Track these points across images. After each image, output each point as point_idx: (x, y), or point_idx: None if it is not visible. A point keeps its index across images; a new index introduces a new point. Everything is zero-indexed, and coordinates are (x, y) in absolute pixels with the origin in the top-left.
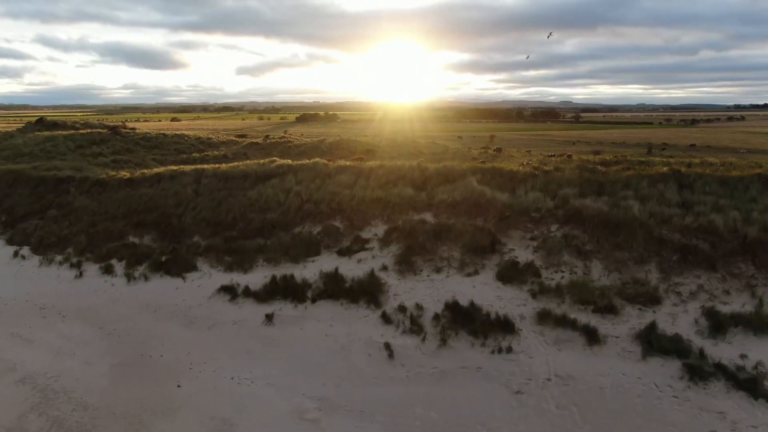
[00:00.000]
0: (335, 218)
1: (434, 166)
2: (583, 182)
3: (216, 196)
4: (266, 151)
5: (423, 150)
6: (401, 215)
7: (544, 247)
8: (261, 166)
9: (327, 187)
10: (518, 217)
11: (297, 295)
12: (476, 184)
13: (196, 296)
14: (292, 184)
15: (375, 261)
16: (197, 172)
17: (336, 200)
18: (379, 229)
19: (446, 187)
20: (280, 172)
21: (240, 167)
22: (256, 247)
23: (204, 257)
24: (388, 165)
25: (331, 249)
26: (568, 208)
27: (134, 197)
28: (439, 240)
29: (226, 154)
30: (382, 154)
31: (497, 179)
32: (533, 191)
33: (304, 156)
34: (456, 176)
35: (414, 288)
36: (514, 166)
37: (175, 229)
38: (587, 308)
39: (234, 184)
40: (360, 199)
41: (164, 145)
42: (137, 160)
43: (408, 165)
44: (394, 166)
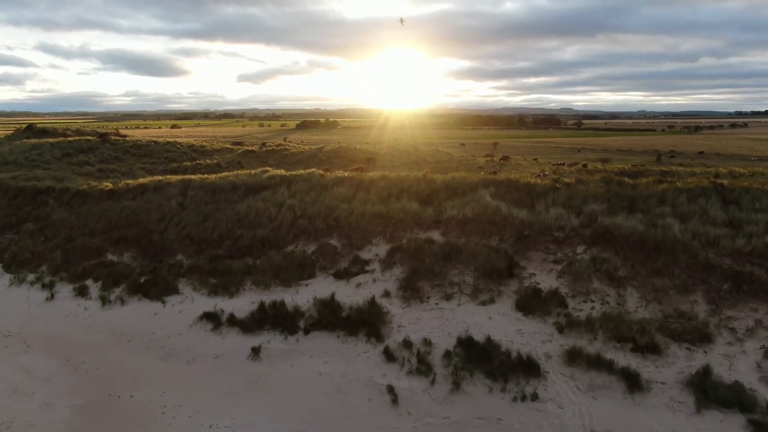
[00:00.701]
0: (332, 236)
1: (442, 178)
2: (612, 197)
3: (202, 209)
4: (262, 159)
5: (426, 158)
6: (405, 233)
7: (569, 271)
8: (252, 177)
9: (323, 201)
10: (539, 237)
11: (288, 324)
12: (490, 199)
13: (175, 324)
14: (285, 197)
15: (376, 286)
16: (184, 183)
17: (333, 215)
18: (381, 248)
19: (456, 201)
20: (273, 184)
21: (229, 178)
22: (244, 267)
23: (187, 278)
24: (391, 176)
25: (326, 271)
26: (596, 226)
27: (115, 210)
28: (449, 262)
29: (219, 163)
30: (383, 162)
31: (513, 193)
32: (555, 207)
33: (300, 165)
34: (466, 189)
35: (421, 318)
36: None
37: (157, 247)
38: (624, 347)
39: (222, 196)
40: (359, 214)
41: (155, 153)
42: (125, 169)
43: (412, 176)
44: (396, 177)
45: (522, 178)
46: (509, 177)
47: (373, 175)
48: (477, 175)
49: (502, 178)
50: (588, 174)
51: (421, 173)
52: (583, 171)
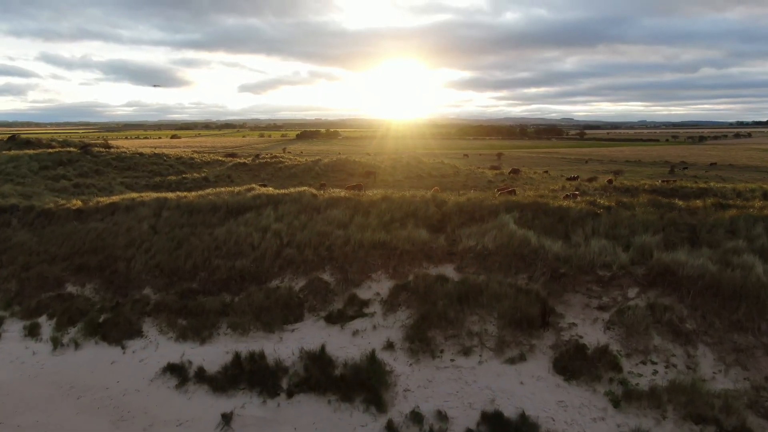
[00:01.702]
0: (324, 269)
1: (454, 200)
2: (667, 225)
3: (176, 234)
4: (254, 172)
5: (431, 171)
6: (412, 267)
7: (620, 322)
8: (234, 197)
9: (315, 226)
10: (578, 276)
11: (267, 384)
12: (514, 226)
13: (135, 376)
14: (271, 221)
15: (377, 334)
16: (158, 203)
17: (326, 244)
18: (383, 286)
19: (473, 228)
20: (257, 205)
21: (209, 197)
22: (219, 306)
23: (153, 318)
24: (394, 197)
25: (317, 313)
26: (651, 264)
27: (81, 233)
28: (466, 306)
29: (207, 177)
30: (385, 176)
31: (542, 219)
32: (596, 238)
33: (295, 179)
34: (485, 213)
35: (433, 380)
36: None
37: (122, 278)
38: (706, 430)
39: (200, 218)
40: (357, 243)
41: (139, 166)
42: (103, 184)
43: (419, 197)
44: (400, 198)
45: (548, 198)
46: (536, 199)
47: (373, 194)
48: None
49: (527, 200)
50: (617, 192)
51: (430, 193)
52: (610, 188)
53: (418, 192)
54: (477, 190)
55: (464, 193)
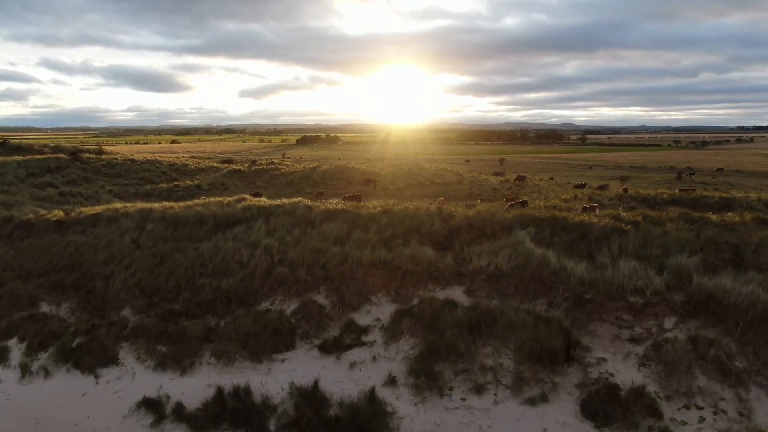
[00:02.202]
0: (318, 290)
1: (462, 213)
2: (705, 245)
3: (160, 249)
4: (249, 180)
5: (433, 179)
6: (416, 290)
7: (658, 358)
8: (223, 208)
9: (309, 242)
10: (606, 303)
11: (253, 424)
12: (531, 244)
13: (107, 411)
14: (261, 236)
15: (377, 368)
16: (142, 214)
17: (320, 262)
18: (383, 310)
19: (484, 246)
20: (247, 217)
21: (196, 208)
22: (203, 332)
23: (130, 343)
24: (396, 210)
25: (310, 340)
26: (691, 290)
27: (59, 246)
28: (479, 336)
29: (200, 185)
30: (385, 184)
31: (562, 236)
32: (625, 258)
33: (291, 187)
34: (497, 229)
35: (441, 424)
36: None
37: (100, 297)
38: None
39: (185, 232)
40: (355, 261)
41: (130, 173)
42: (90, 192)
43: (424, 209)
44: (403, 210)
45: (563, 210)
46: (554, 213)
47: (373, 207)
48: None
49: (544, 214)
50: (634, 201)
51: (435, 205)
52: (626, 198)
53: (422, 204)
54: (482, 199)
55: (472, 204)
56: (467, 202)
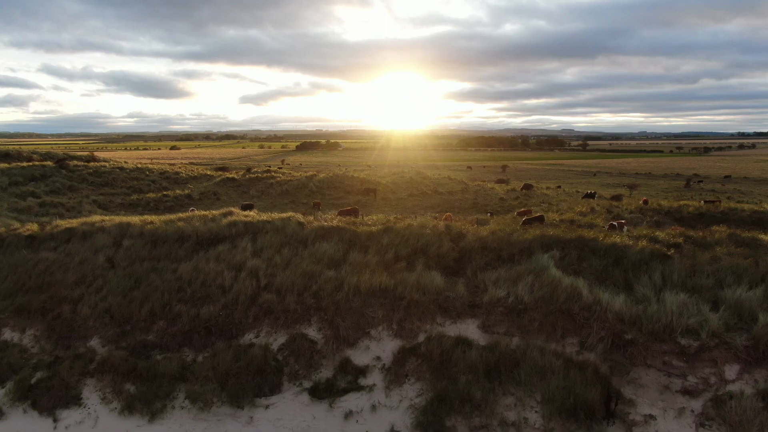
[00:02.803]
0: (309, 321)
1: (474, 232)
2: (767, 275)
3: (135, 270)
4: (243, 189)
5: (436, 188)
6: (423, 323)
7: (720, 416)
8: (206, 224)
9: (300, 264)
10: (651, 345)
11: None
12: (557, 271)
13: None
14: (247, 256)
15: (377, 419)
16: (120, 229)
17: (312, 288)
18: (384, 347)
19: (501, 271)
20: (233, 234)
21: (178, 223)
22: (177, 369)
23: (96, 380)
24: (398, 228)
25: (299, 382)
26: (757, 332)
27: (29, 265)
28: (498, 383)
29: (190, 194)
30: (386, 193)
31: (592, 260)
32: (671, 290)
33: (286, 197)
34: (515, 251)
35: None
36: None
37: (66, 324)
38: None
39: (164, 250)
40: (352, 288)
41: (118, 181)
42: (72, 203)
43: (431, 227)
44: (407, 228)
45: (582, 224)
46: (580, 233)
47: (372, 223)
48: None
49: (569, 234)
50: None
51: (442, 222)
52: (649, 211)
53: (427, 220)
54: (491, 212)
55: (483, 220)
56: (476, 216)
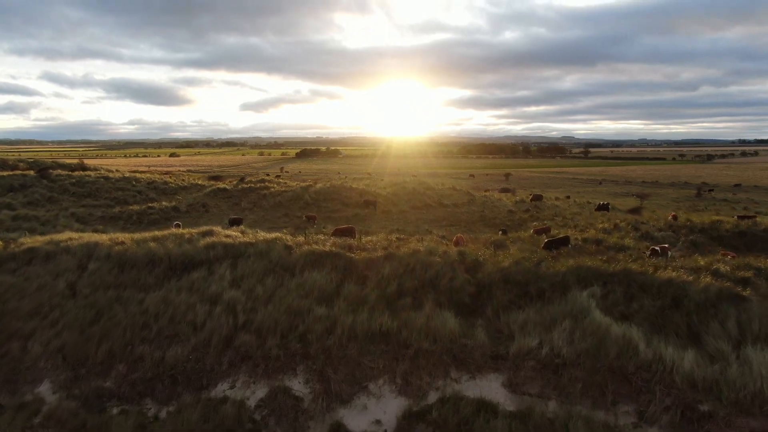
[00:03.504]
0: (294, 371)
1: (494, 262)
2: None
3: (98, 299)
4: (234, 200)
5: (441, 199)
6: (434, 378)
7: None
8: (181, 246)
9: (285, 298)
10: (734, 419)
11: None
12: (601, 315)
13: None
14: (225, 286)
15: None
16: (86, 250)
17: (299, 329)
18: (387, 407)
19: (529, 312)
20: (210, 258)
21: (150, 244)
22: (135, 428)
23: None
24: (402, 254)
25: None
26: None
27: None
28: None
29: (177, 206)
30: (387, 206)
31: (643, 300)
32: (755, 345)
33: (279, 209)
34: (545, 285)
35: None
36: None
37: (14, 364)
38: None
39: (132, 276)
40: (346, 331)
41: (102, 192)
42: (49, 216)
43: (441, 254)
44: (412, 255)
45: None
46: (626, 264)
47: (371, 245)
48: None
49: (614, 267)
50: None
51: (453, 247)
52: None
53: (436, 244)
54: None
55: (499, 242)
56: (490, 236)
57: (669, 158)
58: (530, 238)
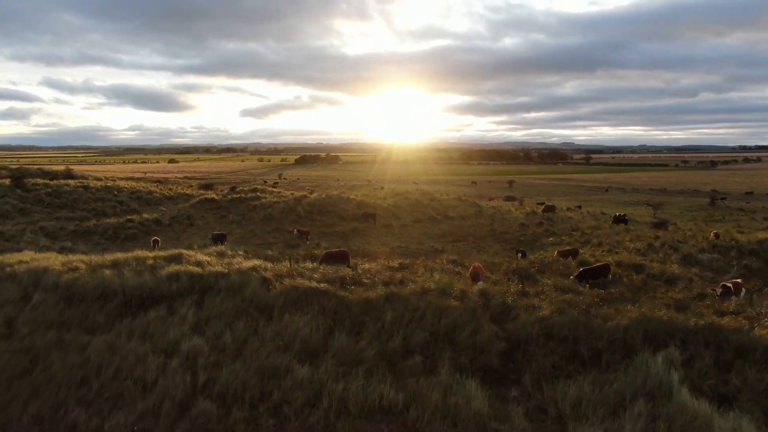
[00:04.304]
0: None
1: (523, 302)
2: None
3: (35, 342)
4: (222, 211)
5: (446, 211)
6: None
7: None
8: (141, 275)
9: (259, 351)
10: None
11: None
12: (689, 397)
13: None
14: (185, 331)
15: None
16: (33, 277)
17: (273, 397)
18: None
19: (583, 384)
20: (172, 293)
21: (105, 273)
22: None
23: None
24: (407, 294)
25: None
26: None
27: None
28: None
29: (160, 218)
30: (388, 219)
31: (745, 372)
32: None
33: (269, 223)
34: (601, 344)
35: None
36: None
37: None
38: None
39: (80, 312)
40: (335, 403)
41: (79, 203)
42: (15, 231)
43: (457, 292)
44: (421, 297)
45: (672, 284)
46: (711, 319)
47: (370, 279)
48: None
49: (695, 321)
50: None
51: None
52: (724, 248)
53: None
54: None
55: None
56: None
57: (672, 165)
58: (557, 263)
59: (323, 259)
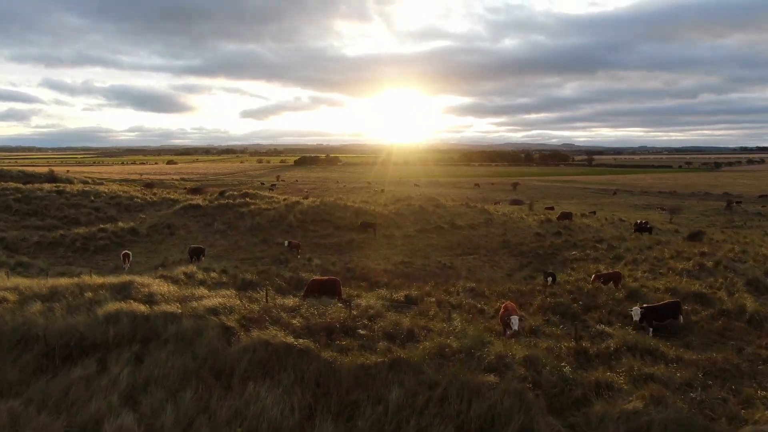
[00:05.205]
0: None
1: (588, 377)
2: None
3: None
4: (207, 219)
5: (454, 219)
6: None
7: None
8: (71, 316)
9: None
10: None
11: None
12: None
13: None
14: (112, 403)
15: None
16: None
17: None
18: None
19: None
20: (107, 341)
21: (30, 311)
22: None
23: None
24: (420, 359)
25: None
26: None
27: None
28: None
29: (136, 228)
30: (389, 228)
31: None
32: None
33: (257, 233)
34: None
35: None
36: None
37: None
38: None
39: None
40: None
41: (51, 209)
42: None
43: (490, 361)
44: (441, 364)
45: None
46: None
47: (368, 333)
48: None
49: None
50: None
51: (509, 341)
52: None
53: (477, 331)
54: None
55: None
56: (545, 294)
57: (675, 166)
58: (600, 292)
59: (308, 291)
